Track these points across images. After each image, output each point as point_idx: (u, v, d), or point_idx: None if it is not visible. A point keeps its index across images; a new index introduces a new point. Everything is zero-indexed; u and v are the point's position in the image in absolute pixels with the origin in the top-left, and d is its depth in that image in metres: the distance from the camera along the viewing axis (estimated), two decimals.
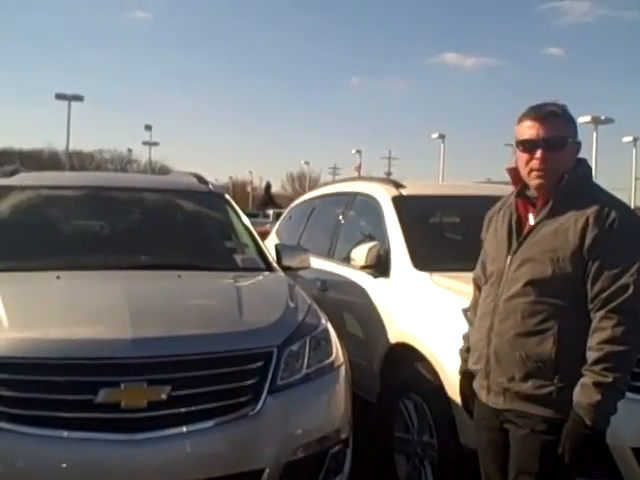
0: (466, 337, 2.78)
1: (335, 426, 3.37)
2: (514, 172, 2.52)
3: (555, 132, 2.37)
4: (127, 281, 3.88)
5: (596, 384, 2.19)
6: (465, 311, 3.38)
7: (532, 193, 2.47)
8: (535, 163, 2.39)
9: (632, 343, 2.20)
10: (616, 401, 2.22)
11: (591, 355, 2.22)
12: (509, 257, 2.45)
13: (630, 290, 2.20)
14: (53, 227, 4.81)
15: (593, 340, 2.22)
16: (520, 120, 2.46)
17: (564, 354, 2.28)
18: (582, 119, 34.73)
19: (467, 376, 2.72)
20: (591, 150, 34.62)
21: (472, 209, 5.02)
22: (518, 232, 2.47)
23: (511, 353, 2.38)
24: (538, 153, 2.38)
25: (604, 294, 2.23)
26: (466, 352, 2.72)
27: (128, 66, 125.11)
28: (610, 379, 2.17)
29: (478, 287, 2.76)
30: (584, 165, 2.49)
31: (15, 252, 4.29)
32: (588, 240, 2.26)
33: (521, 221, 2.49)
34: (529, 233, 2.42)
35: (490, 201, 2.80)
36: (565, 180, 2.37)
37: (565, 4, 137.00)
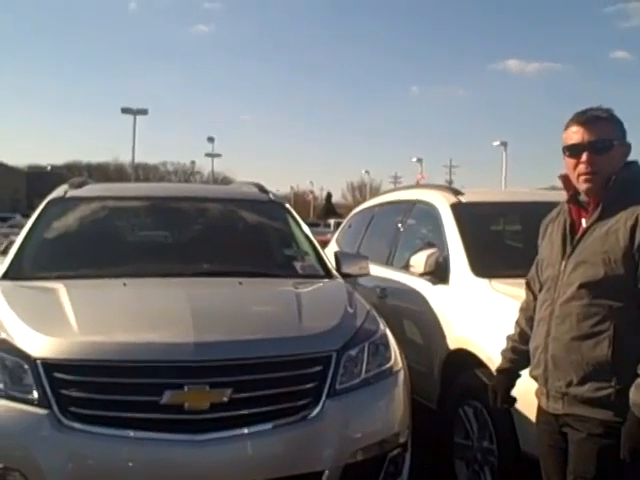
0: (509, 338, 2.83)
1: (394, 430, 3.39)
2: (566, 179, 2.54)
3: (600, 135, 2.40)
4: (190, 287, 3.99)
5: None
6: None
7: (584, 198, 2.48)
8: (582, 167, 2.41)
9: None
10: None
11: None
12: (564, 262, 2.45)
13: None
14: (119, 236, 4.99)
15: None
16: (566, 126, 2.49)
17: (621, 356, 2.26)
18: None
19: (504, 373, 2.81)
20: None
21: (532, 215, 4.96)
22: (572, 236, 2.47)
23: (568, 357, 2.38)
24: (584, 157, 2.40)
25: None
26: (511, 352, 2.79)
27: (191, 79, 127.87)
28: None
29: (531, 290, 2.79)
30: (634, 166, 2.48)
31: (83, 260, 4.44)
32: (638, 238, 2.25)
33: (575, 226, 2.50)
34: (582, 236, 2.42)
35: (551, 207, 2.79)
36: (613, 181, 2.37)
37: (631, 6, 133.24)
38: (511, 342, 2.80)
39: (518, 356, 2.77)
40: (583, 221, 2.48)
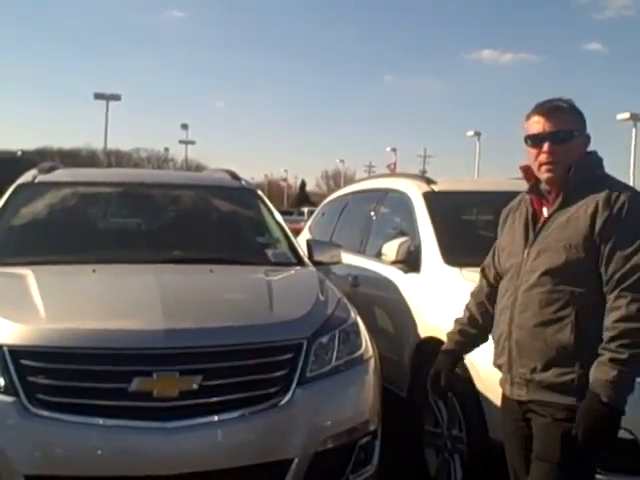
0: (458, 321, 2.88)
1: (364, 418, 3.40)
2: (526, 169, 2.59)
3: (560, 126, 2.44)
4: (160, 274, 3.95)
5: (612, 360, 2.20)
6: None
7: (545, 187, 2.52)
8: (543, 157, 2.46)
9: None
10: (633, 378, 2.22)
11: (607, 334, 2.23)
12: (526, 250, 2.50)
13: None
14: (89, 222, 4.94)
15: (609, 320, 2.24)
16: (528, 116, 2.54)
17: (583, 340, 2.30)
18: (620, 116, 34.16)
19: (449, 354, 2.84)
20: (630, 147, 34.03)
21: (504, 204, 5.03)
22: (534, 226, 2.52)
23: (532, 344, 2.41)
24: (545, 147, 2.45)
25: (617, 274, 2.25)
26: (458, 334, 2.83)
27: (166, 65, 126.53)
28: (626, 355, 2.18)
29: (485, 276, 2.84)
30: (593, 156, 2.53)
31: (52, 246, 4.38)
32: (599, 224, 2.30)
33: (536, 215, 2.55)
34: (544, 225, 2.47)
35: None
36: (573, 171, 2.42)
37: None
38: (459, 325, 2.85)
39: (465, 339, 2.83)
40: (544, 210, 2.52)
